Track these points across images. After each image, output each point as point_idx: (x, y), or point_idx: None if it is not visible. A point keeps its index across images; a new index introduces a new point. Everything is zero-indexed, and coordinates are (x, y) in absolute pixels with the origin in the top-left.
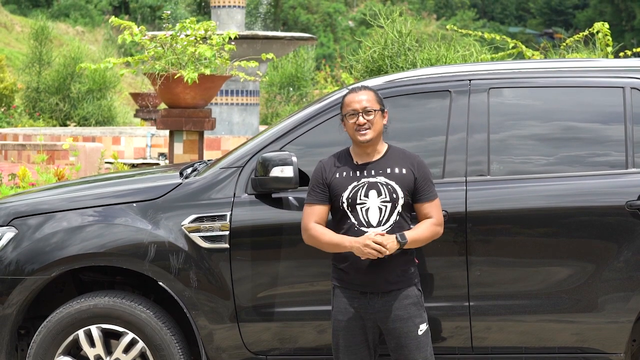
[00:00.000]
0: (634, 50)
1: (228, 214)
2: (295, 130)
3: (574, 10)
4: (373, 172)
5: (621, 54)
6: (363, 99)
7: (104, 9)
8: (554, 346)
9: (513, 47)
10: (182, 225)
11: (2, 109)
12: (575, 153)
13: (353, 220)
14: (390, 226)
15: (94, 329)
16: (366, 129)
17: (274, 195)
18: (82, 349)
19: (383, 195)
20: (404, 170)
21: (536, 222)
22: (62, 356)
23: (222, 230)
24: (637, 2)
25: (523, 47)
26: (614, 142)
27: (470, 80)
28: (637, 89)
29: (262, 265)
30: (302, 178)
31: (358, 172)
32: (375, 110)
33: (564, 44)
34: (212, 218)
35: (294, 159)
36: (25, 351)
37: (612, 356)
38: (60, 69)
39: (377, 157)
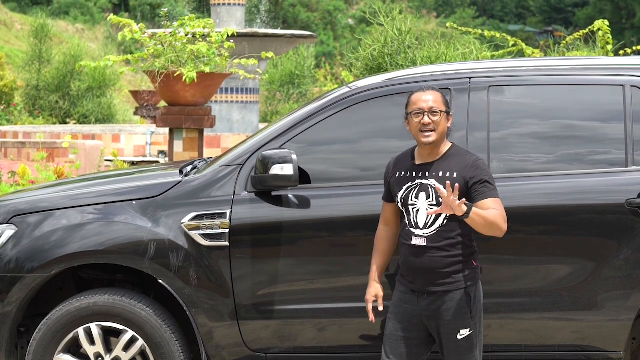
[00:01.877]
0: (634, 48)
1: (228, 211)
2: (295, 128)
3: (574, 8)
4: (427, 174)
5: (621, 52)
6: (430, 99)
7: (104, 6)
8: (554, 344)
9: (513, 45)
10: (182, 223)
11: (2, 107)
12: (575, 151)
13: (406, 221)
14: (436, 229)
15: (94, 327)
16: (430, 131)
17: (274, 193)
18: (82, 347)
19: (430, 199)
20: (454, 174)
21: (536, 220)
22: (62, 354)
23: (222, 228)
24: (637, 0)
25: (523, 45)
26: (614, 140)
27: (470, 78)
28: (637, 87)
29: (262, 263)
30: (302, 176)
31: (414, 173)
32: (441, 112)
33: (564, 42)
34: (212, 216)
35: (294, 156)
36: (25, 349)
37: (612, 354)
38: (60, 66)
39: (435, 158)
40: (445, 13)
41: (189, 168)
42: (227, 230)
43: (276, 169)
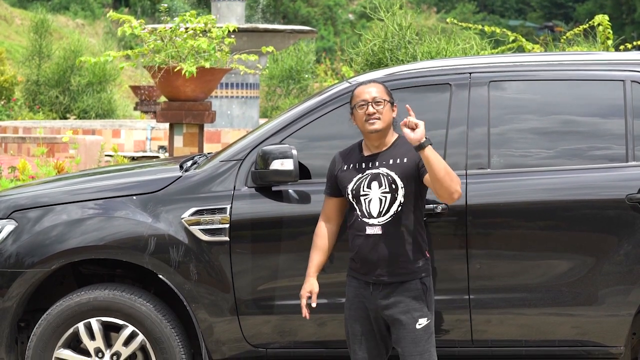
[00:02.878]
0: (635, 43)
1: (228, 206)
2: (296, 123)
3: (575, 3)
4: (377, 164)
5: (621, 47)
6: (373, 90)
7: (104, 1)
8: (554, 339)
9: (513, 41)
10: (182, 218)
11: (2, 102)
12: (576, 146)
13: (358, 212)
14: (390, 217)
15: (94, 322)
16: (375, 119)
17: (274, 188)
18: (82, 342)
19: (383, 187)
20: (405, 160)
21: (536, 215)
22: (62, 349)
23: (222, 223)
24: None
25: (523, 40)
26: (614, 136)
27: (470, 73)
28: (638, 82)
29: (262, 258)
30: (302, 171)
31: (364, 164)
32: (385, 101)
33: (564, 37)
34: (212, 211)
35: (294, 151)
36: (25, 344)
37: (612, 349)
38: (60, 61)
39: (383, 148)
40: (446, 8)
41: (189, 163)
42: (227, 226)
43: (276, 164)
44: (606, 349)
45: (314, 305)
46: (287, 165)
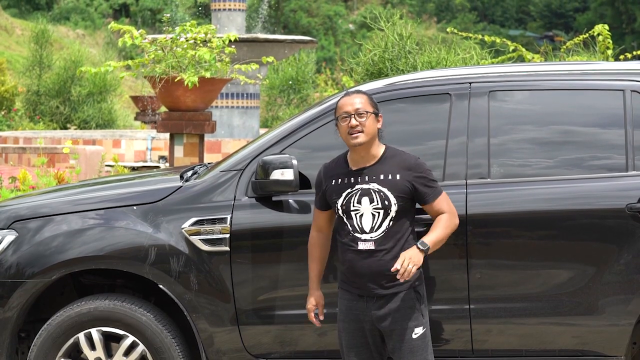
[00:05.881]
0: (634, 53)
1: (228, 216)
2: (296, 133)
3: (575, 13)
4: (367, 179)
5: (621, 56)
6: (356, 102)
7: (105, 12)
8: (554, 349)
9: (513, 50)
10: (183, 228)
11: (3, 112)
12: (576, 156)
13: (349, 227)
14: (382, 232)
15: (95, 332)
16: (358, 132)
17: (274, 198)
18: (82, 352)
19: (375, 202)
20: (397, 176)
21: (537, 225)
22: (62, 359)
23: (223, 233)
24: (637, 5)
25: (523, 50)
26: (614, 145)
27: (470, 83)
28: (638, 92)
29: (262, 268)
30: (302, 181)
31: (352, 179)
32: (367, 112)
33: (564, 46)
34: (213, 221)
35: (295, 161)
36: (25, 354)
37: (612, 359)
38: (61, 72)
39: (372, 162)
40: (446, 18)
41: (189, 173)
42: (227, 235)
43: (276, 174)
44: (606, 359)
45: (321, 318)
46: (288, 175)
